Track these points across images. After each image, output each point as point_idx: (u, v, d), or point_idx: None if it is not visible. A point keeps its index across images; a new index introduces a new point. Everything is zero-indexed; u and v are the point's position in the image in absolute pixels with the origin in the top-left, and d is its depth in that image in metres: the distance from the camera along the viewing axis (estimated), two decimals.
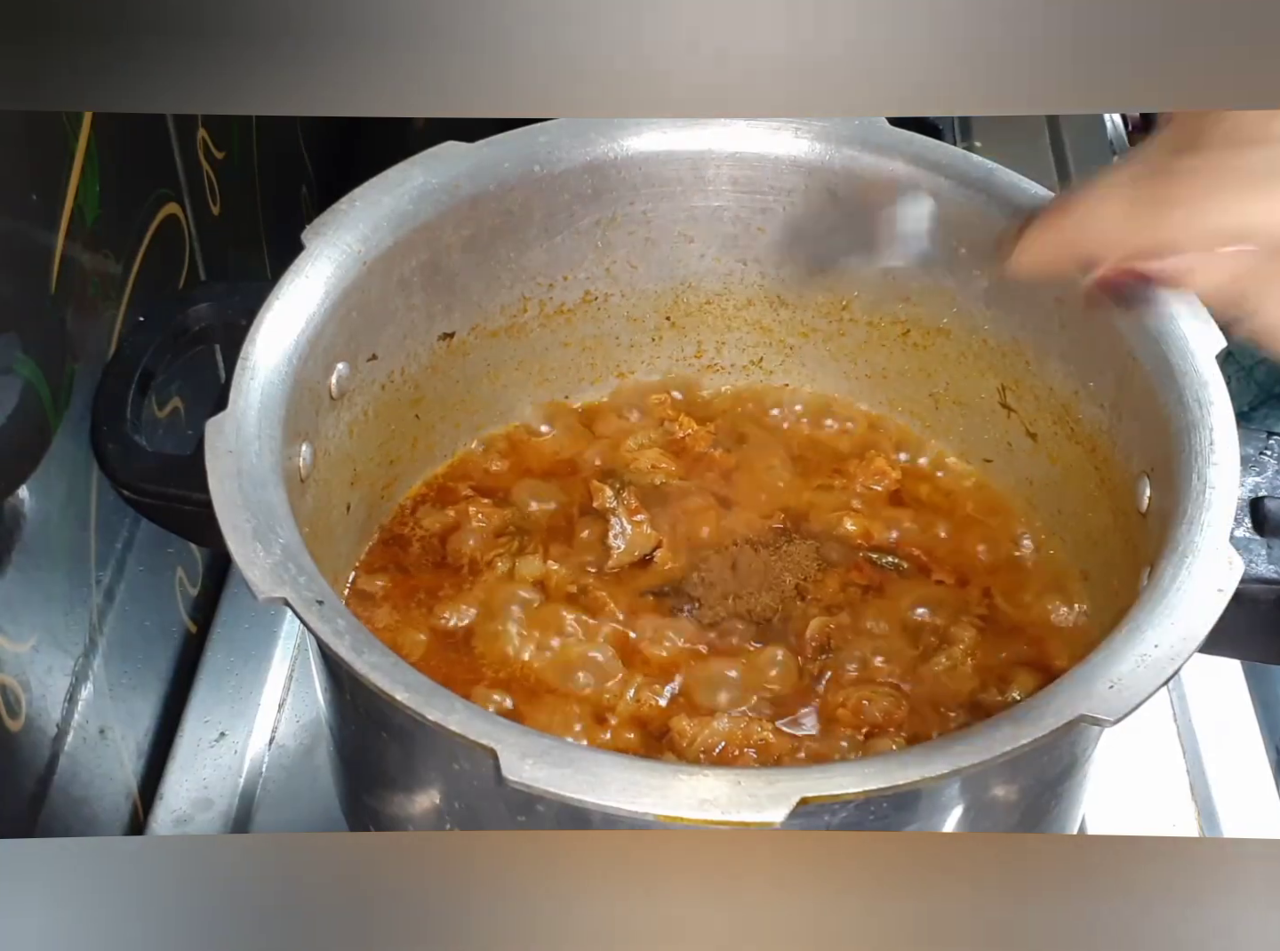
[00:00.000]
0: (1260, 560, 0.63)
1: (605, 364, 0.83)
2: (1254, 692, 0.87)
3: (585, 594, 0.74)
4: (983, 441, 0.80)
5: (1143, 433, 0.68)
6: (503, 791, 0.54)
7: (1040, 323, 0.74)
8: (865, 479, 0.80)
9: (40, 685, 0.69)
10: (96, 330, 0.74)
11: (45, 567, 0.70)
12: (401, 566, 0.76)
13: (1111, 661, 0.57)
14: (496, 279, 0.77)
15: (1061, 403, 0.74)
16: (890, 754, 0.65)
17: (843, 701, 0.70)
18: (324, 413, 0.70)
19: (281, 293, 0.67)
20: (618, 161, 0.76)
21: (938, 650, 0.72)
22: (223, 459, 0.61)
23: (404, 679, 0.56)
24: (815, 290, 0.80)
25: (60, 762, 0.71)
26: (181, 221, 0.84)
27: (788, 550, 0.76)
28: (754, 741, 0.67)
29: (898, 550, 0.77)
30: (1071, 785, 0.66)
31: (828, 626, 0.72)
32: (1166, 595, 0.59)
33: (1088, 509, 0.74)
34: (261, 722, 0.84)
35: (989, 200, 0.73)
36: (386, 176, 0.72)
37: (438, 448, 0.79)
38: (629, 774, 0.53)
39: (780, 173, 0.77)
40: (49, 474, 0.69)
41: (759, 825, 0.52)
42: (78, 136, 0.71)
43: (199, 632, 0.88)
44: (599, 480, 0.78)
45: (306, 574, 0.58)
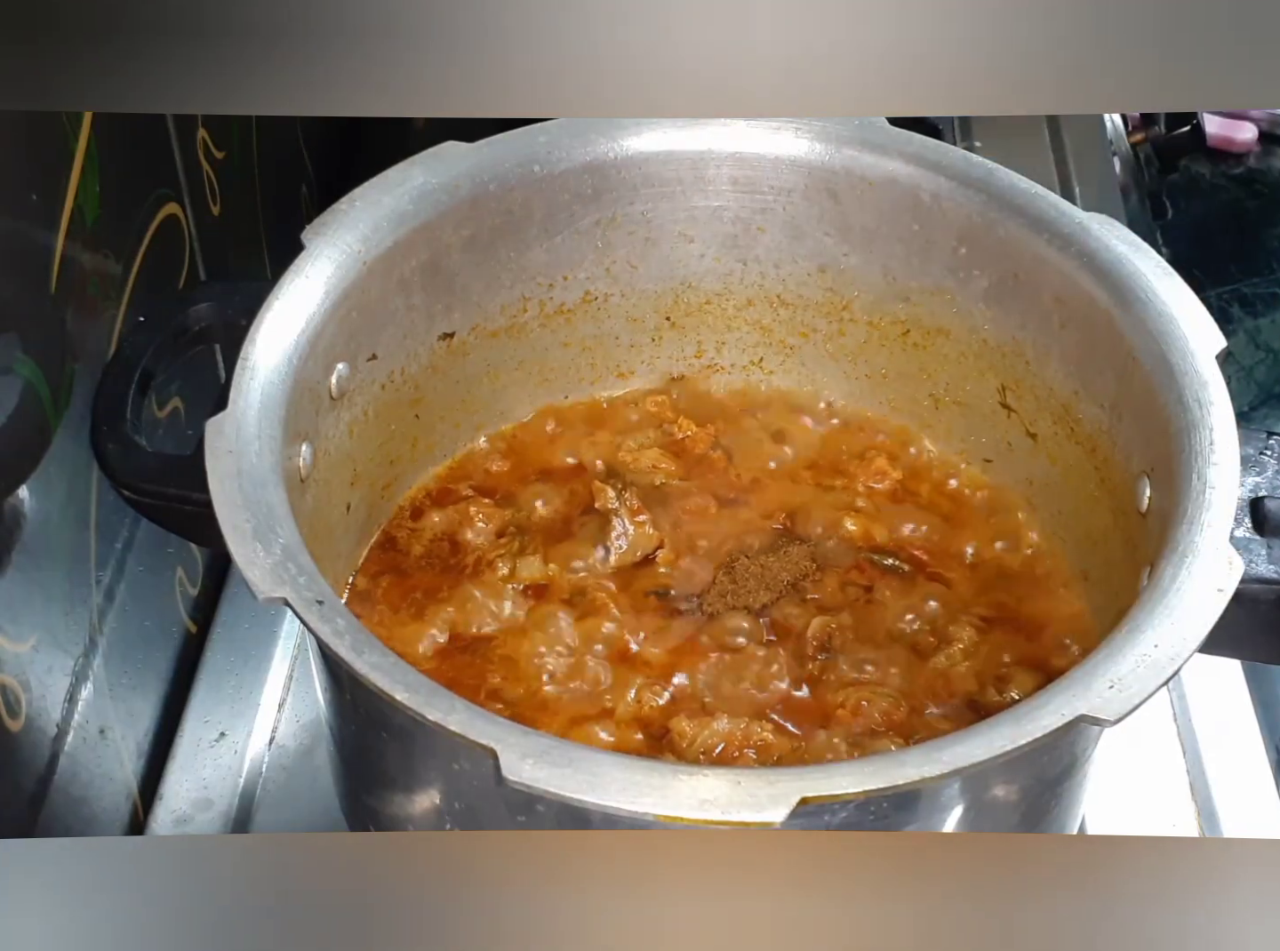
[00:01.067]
0: (1260, 560, 0.63)
1: (605, 364, 0.83)
2: (1254, 692, 0.87)
3: (586, 594, 0.74)
4: (983, 441, 0.80)
5: (1143, 433, 0.68)
6: (503, 791, 0.54)
7: (1040, 323, 0.74)
8: (866, 479, 0.80)
9: (40, 685, 0.69)
10: (96, 330, 0.74)
11: (45, 567, 0.70)
12: (401, 567, 0.76)
13: (1111, 661, 0.57)
14: (496, 279, 0.77)
15: (1061, 403, 0.74)
16: (890, 754, 0.64)
17: (842, 701, 0.70)
18: (324, 413, 0.70)
19: (281, 293, 0.67)
20: (618, 161, 0.76)
21: (937, 650, 0.72)
22: (223, 459, 0.61)
23: (404, 679, 0.56)
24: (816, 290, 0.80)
25: (60, 762, 0.71)
26: (181, 221, 0.84)
27: (788, 550, 0.76)
28: (754, 742, 0.67)
29: (898, 550, 0.77)
30: (1071, 785, 0.66)
31: (828, 626, 0.72)
32: (1166, 595, 0.59)
33: (1088, 509, 0.74)
34: (261, 722, 0.84)
35: (989, 200, 0.73)
36: (386, 176, 0.72)
37: (438, 448, 0.79)
38: (629, 774, 0.53)
39: (780, 173, 0.77)
40: (49, 474, 0.69)
41: (759, 825, 0.52)
42: (78, 136, 0.71)
43: (199, 632, 0.88)
44: (600, 481, 0.78)
45: (306, 574, 0.58)
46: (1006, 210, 0.73)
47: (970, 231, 0.74)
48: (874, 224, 0.77)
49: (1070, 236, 0.71)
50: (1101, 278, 0.70)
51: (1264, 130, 1.41)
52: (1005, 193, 0.73)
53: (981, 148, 1.13)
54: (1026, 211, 0.73)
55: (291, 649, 0.87)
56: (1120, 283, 0.69)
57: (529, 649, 0.71)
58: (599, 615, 0.73)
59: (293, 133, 1.08)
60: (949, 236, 0.75)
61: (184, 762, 0.82)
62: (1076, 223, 0.72)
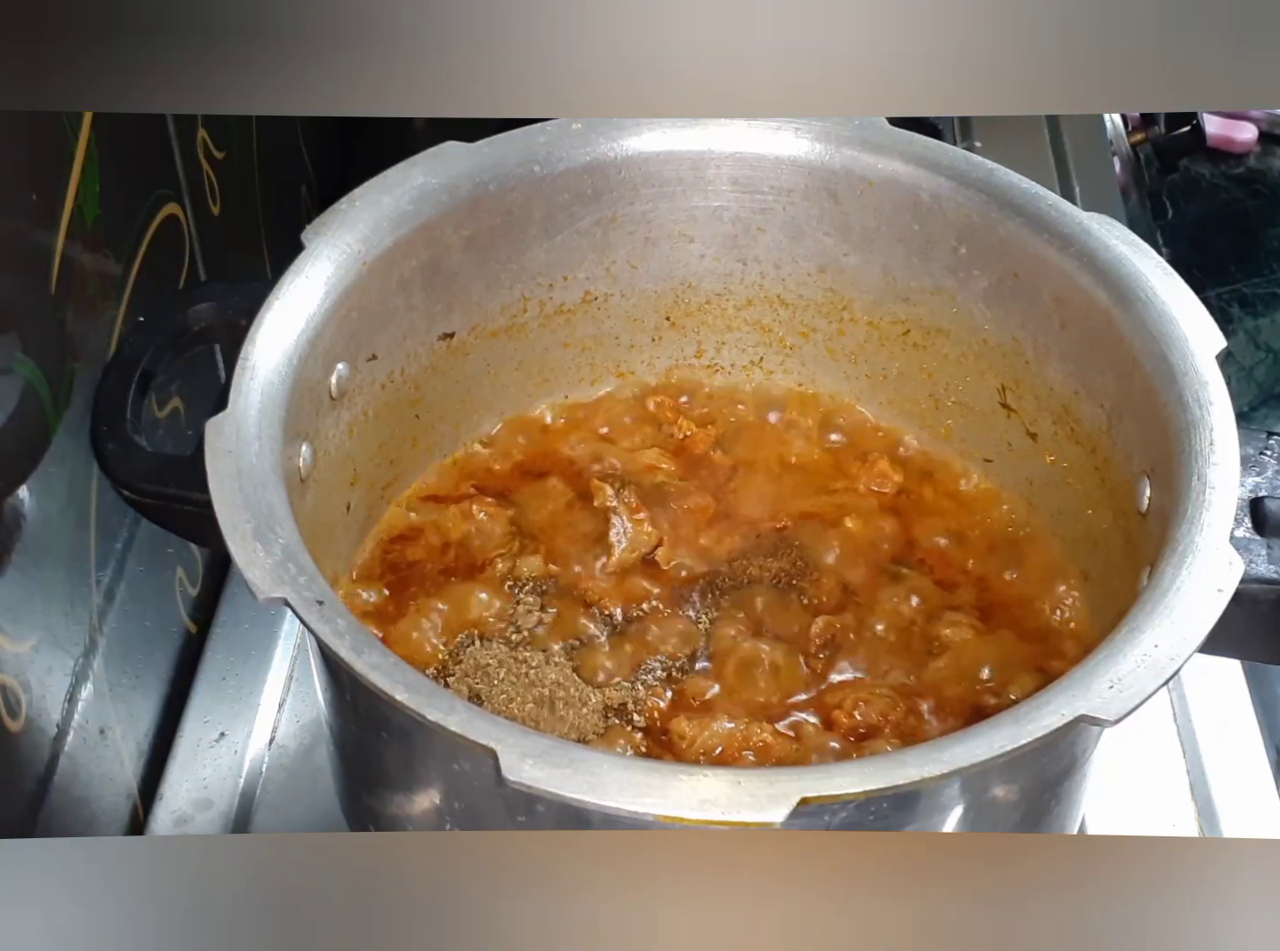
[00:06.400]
0: (1260, 560, 0.63)
1: (605, 364, 0.83)
2: (1254, 692, 0.87)
3: (585, 593, 0.74)
4: (983, 441, 0.80)
5: (1143, 433, 0.68)
6: (503, 791, 0.54)
7: (1040, 323, 0.74)
8: (867, 480, 0.80)
9: (40, 685, 0.69)
10: (96, 330, 0.74)
11: (45, 567, 0.70)
12: (401, 566, 0.76)
13: (1111, 661, 0.57)
14: (496, 279, 0.77)
15: (1061, 403, 0.74)
16: (890, 754, 0.64)
17: (841, 702, 0.69)
18: (324, 413, 0.70)
19: (281, 293, 0.67)
20: (618, 161, 0.76)
21: (938, 650, 0.72)
22: (223, 459, 0.61)
23: (404, 679, 0.56)
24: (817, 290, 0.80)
25: (60, 762, 0.71)
26: (181, 221, 0.84)
27: (789, 552, 0.76)
28: (753, 743, 0.67)
29: (899, 551, 0.77)
30: (1071, 785, 0.66)
31: (832, 627, 0.72)
32: (1166, 595, 0.59)
33: (1088, 509, 0.74)
34: (261, 722, 0.84)
35: (989, 200, 0.73)
36: (386, 176, 0.72)
37: (438, 448, 0.79)
38: (629, 774, 0.53)
39: (780, 173, 0.77)
40: (49, 474, 0.69)
41: (759, 825, 0.52)
42: (78, 136, 0.71)
43: (199, 632, 0.88)
44: (599, 480, 0.78)
45: (306, 574, 0.58)
46: (1006, 210, 0.73)
47: (970, 231, 0.74)
48: (874, 224, 0.77)
49: (1070, 236, 0.71)
50: (1101, 278, 0.70)
51: (1264, 130, 1.41)
52: (1005, 193, 0.73)
53: (981, 148, 1.13)
54: (1026, 211, 0.73)
55: (291, 649, 0.87)
56: (1120, 283, 0.69)
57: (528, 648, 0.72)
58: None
59: (293, 133, 1.08)
60: (949, 236, 0.75)
61: (184, 762, 0.82)
62: (1076, 223, 0.72)
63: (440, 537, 0.76)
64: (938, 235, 0.75)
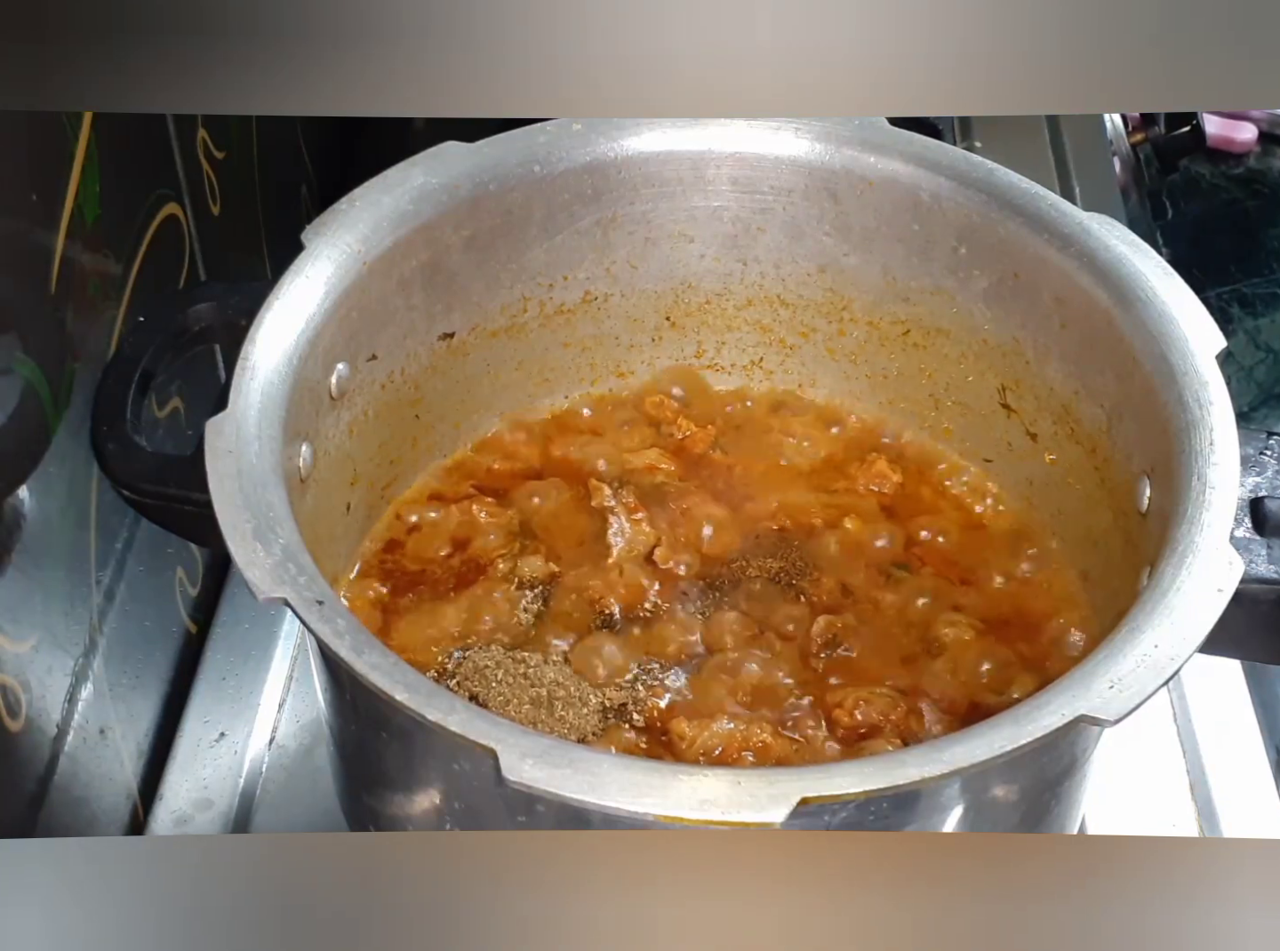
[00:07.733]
0: (1260, 560, 0.63)
1: (605, 364, 0.83)
2: (1254, 692, 0.87)
3: (585, 593, 0.74)
4: (983, 441, 0.80)
5: (1143, 433, 0.68)
6: (503, 791, 0.54)
7: (1040, 323, 0.74)
8: (867, 480, 0.80)
9: (40, 685, 0.69)
10: (96, 330, 0.74)
11: (45, 567, 0.70)
12: (402, 566, 0.76)
13: (1111, 661, 0.57)
14: (496, 279, 0.77)
15: (1061, 403, 0.74)
16: (890, 754, 0.64)
17: (841, 702, 0.69)
18: (324, 413, 0.70)
19: (281, 293, 0.67)
20: (618, 161, 0.76)
21: (937, 650, 0.72)
22: (223, 459, 0.61)
23: (404, 679, 0.56)
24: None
25: (60, 762, 0.71)
26: (181, 221, 0.84)
27: (788, 552, 0.76)
28: (753, 743, 0.67)
29: (898, 551, 0.77)
30: (1071, 785, 0.66)
31: (833, 627, 0.72)
32: (1166, 595, 0.59)
33: (1088, 509, 0.74)
34: (261, 722, 0.84)
35: (989, 200, 0.73)
36: (386, 176, 0.72)
37: (438, 447, 0.79)
38: (629, 774, 0.53)
39: (780, 173, 0.77)
40: (49, 474, 0.69)
41: (759, 825, 0.52)
42: (78, 136, 0.71)
43: (199, 632, 0.88)
44: (597, 480, 0.78)
45: (306, 574, 0.58)
46: (1006, 210, 0.73)
47: (970, 231, 0.74)
48: (874, 224, 0.77)
49: (1070, 236, 0.71)
50: (1101, 278, 0.70)
51: (1264, 130, 1.41)
52: (1005, 193, 0.73)
53: (981, 148, 1.13)
54: (1026, 211, 0.73)
55: (291, 649, 0.87)
56: (1120, 283, 0.69)
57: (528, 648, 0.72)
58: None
59: (293, 133, 1.08)
60: (949, 236, 0.75)
61: (184, 762, 0.82)
62: (1076, 223, 0.72)
63: (440, 538, 0.76)
64: (938, 235, 0.75)
